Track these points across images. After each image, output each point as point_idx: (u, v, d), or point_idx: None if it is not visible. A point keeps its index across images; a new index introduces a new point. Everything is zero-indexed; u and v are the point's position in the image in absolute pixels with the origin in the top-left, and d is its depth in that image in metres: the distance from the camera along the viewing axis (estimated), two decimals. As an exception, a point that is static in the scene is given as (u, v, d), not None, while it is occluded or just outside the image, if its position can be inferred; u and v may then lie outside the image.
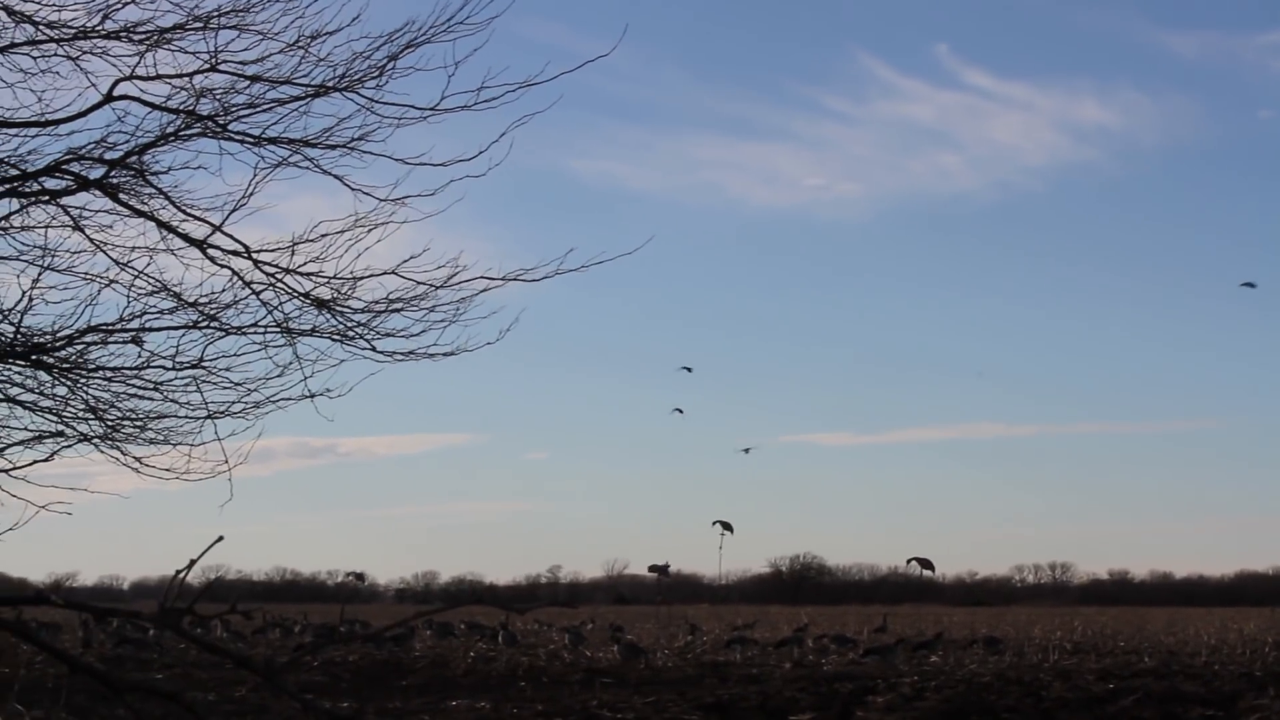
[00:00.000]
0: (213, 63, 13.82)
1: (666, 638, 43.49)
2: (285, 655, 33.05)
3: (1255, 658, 34.09)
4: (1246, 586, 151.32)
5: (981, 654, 35.20)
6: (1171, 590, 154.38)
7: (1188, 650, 37.41)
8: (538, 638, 43.18)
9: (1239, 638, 43.63)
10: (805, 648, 36.29)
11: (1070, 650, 37.60)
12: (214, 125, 14.13)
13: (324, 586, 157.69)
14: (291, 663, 19.23)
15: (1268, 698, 24.04)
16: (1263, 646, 38.46)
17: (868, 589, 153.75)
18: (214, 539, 12.74)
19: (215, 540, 12.75)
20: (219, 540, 12.77)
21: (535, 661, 32.89)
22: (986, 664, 31.98)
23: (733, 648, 35.75)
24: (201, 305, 15.30)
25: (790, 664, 32.14)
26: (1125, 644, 40.76)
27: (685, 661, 33.07)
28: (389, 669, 30.77)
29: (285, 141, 14.20)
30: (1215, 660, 33.13)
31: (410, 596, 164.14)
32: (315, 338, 15.25)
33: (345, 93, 13.99)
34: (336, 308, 14.91)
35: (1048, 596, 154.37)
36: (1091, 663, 32.52)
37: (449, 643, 39.74)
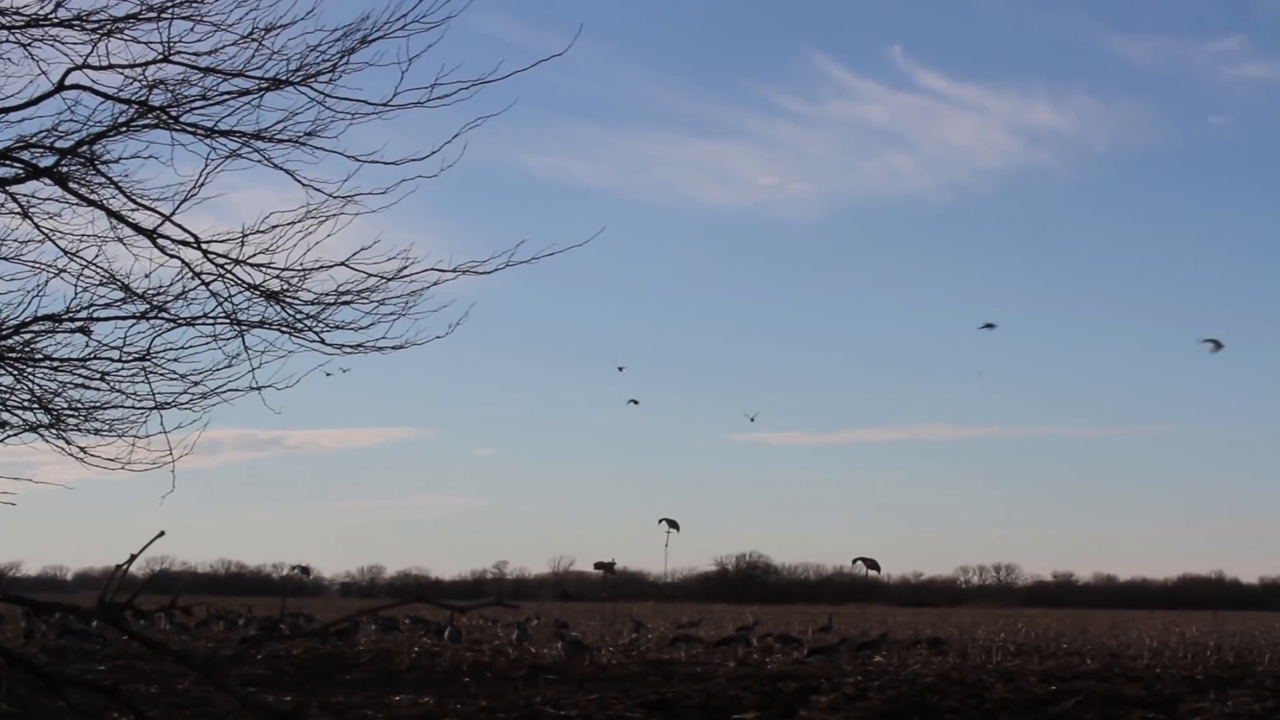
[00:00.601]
0: (166, 53, 13.77)
1: (611, 635, 43.47)
2: (229, 648, 32.95)
3: (1197, 661, 34.28)
4: (1189, 590, 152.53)
5: (925, 654, 35.28)
6: (1115, 593, 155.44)
7: (1130, 653, 37.59)
8: (482, 633, 43.15)
9: (1181, 641, 43.86)
10: (750, 646, 36.31)
11: (1013, 652, 37.74)
12: (166, 116, 14.08)
13: (269, 579, 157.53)
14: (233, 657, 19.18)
15: (1208, 701, 24.18)
16: (1204, 650, 38.67)
17: (813, 588, 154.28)
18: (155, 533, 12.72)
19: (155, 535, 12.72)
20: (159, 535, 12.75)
21: (480, 657, 32.84)
22: (930, 664, 32.07)
23: (677, 646, 35.75)
24: (150, 296, 15.25)
25: (734, 662, 32.17)
26: (1068, 646, 40.92)
27: (629, 659, 33.08)
28: (333, 663, 30.69)
29: (237, 134, 14.17)
30: (1157, 663, 33.30)
31: (355, 590, 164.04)
32: (264, 329, 15.23)
33: (298, 87, 13.96)
34: (286, 299, 14.87)
35: (992, 598, 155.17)
36: (1034, 664, 32.64)
37: (393, 637, 39.65)
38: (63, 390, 16.62)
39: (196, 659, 13.87)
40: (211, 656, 26.88)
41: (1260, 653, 37.74)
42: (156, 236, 14.67)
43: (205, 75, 13.94)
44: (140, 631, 14.45)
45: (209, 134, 14.18)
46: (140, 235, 14.75)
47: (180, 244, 14.64)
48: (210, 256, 14.65)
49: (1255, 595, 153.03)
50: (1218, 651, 38.15)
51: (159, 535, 12.67)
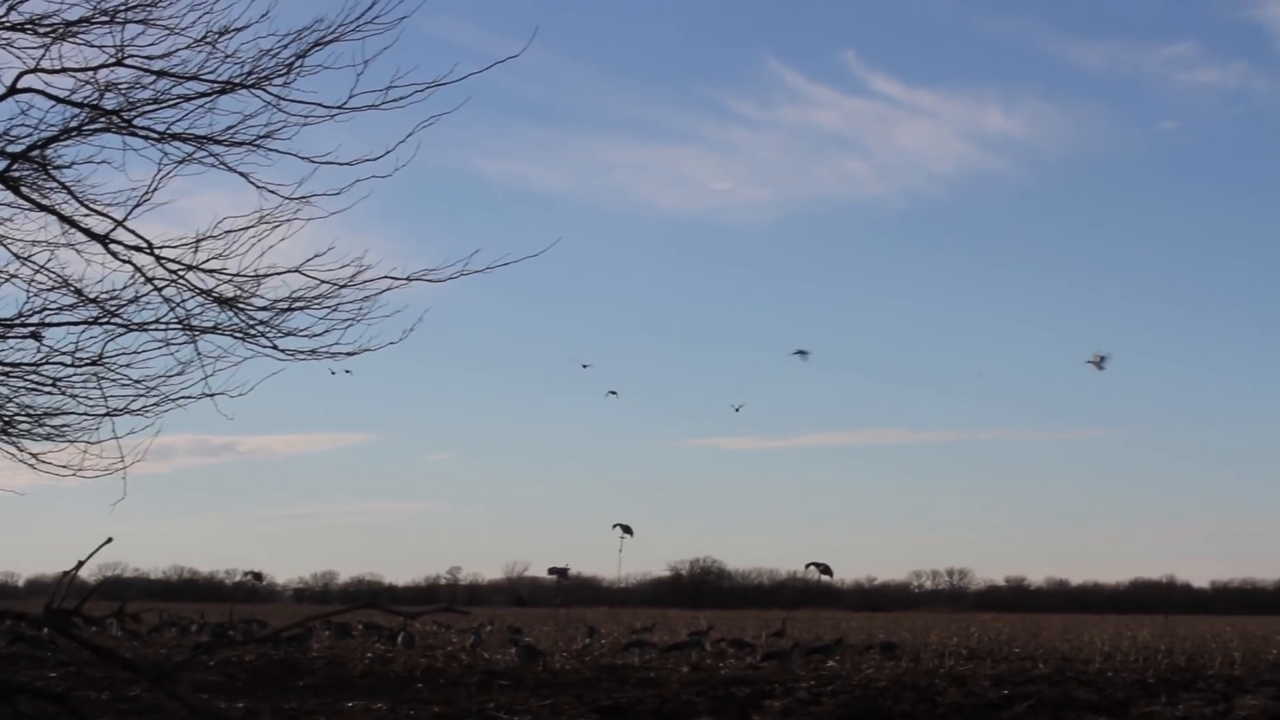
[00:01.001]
0: (119, 57, 13.74)
1: (565, 640, 43.42)
2: (181, 655, 32.82)
3: (1148, 665, 34.40)
4: (1140, 594, 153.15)
5: (878, 659, 35.32)
6: (1067, 597, 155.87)
7: (1082, 657, 37.69)
8: (436, 639, 43.05)
9: (1133, 645, 43.98)
10: (703, 651, 36.31)
11: (966, 656, 37.81)
12: (119, 120, 14.04)
13: (222, 586, 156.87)
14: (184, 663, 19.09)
15: (1160, 704, 24.28)
16: (1155, 653, 38.80)
17: (767, 593, 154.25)
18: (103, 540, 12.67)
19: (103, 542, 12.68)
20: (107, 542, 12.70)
21: (433, 663, 32.78)
22: (883, 669, 32.12)
23: (631, 651, 35.75)
24: (102, 301, 15.21)
25: (688, 667, 32.18)
26: (1020, 650, 41.02)
27: (583, 664, 33.06)
28: (285, 669, 30.59)
29: (190, 138, 14.13)
30: (1109, 667, 33.40)
31: (309, 597, 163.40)
32: (217, 335, 15.19)
33: (252, 90, 13.94)
34: (239, 305, 14.84)
35: (945, 602, 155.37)
36: (987, 669, 32.71)
37: (346, 643, 39.54)
38: (14, 396, 16.57)
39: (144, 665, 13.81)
40: (160, 663, 26.77)
41: (1211, 656, 37.91)
42: (109, 242, 14.62)
43: (158, 79, 13.91)
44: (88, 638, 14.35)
45: (162, 138, 14.14)
46: (93, 240, 14.70)
47: (133, 249, 14.60)
48: (163, 262, 14.61)
49: (1206, 599, 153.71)
50: (1169, 655, 38.29)
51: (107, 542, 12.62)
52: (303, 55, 13.81)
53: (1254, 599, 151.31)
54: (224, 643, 28.75)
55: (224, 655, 32.08)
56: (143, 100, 13.99)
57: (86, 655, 30.78)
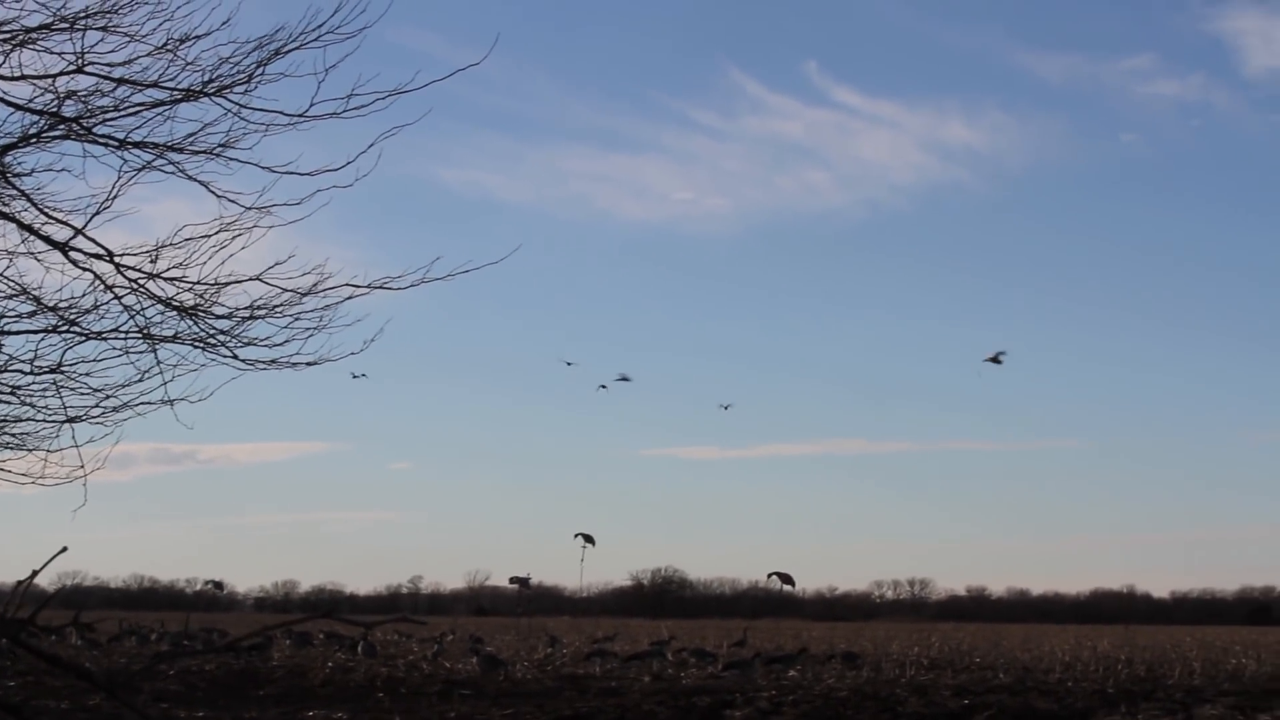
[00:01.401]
0: (79, 64, 13.68)
1: (526, 650, 43.37)
2: (140, 664, 32.70)
3: (1108, 675, 34.49)
4: (1101, 604, 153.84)
5: (839, 669, 35.34)
6: (1028, 607, 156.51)
7: (1042, 667, 37.78)
8: (397, 649, 42.96)
9: (1093, 655, 44.11)
10: (665, 661, 36.27)
11: (927, 666, 37.86)
12: (79, 128, 13.98)
13: (182, 595, 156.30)
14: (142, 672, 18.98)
15: (1119, 714, 24.38)
16: (1115, 663, 38.92)
17: (728, 603, 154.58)
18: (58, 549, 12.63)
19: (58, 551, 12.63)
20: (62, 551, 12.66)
21: (394, 672, 32.70)
22: (844, 679, 32.14)
23: (592, 660, 35.73)
24: (62, 309, 15.15)
25: (649, 677, 32.15)
26: (981, 660, 41.10)
27: (544, 674, 33.01)
28: (246, 679, 30.48)
29: (150, 145, 14.08)
30: (1069, 677, 33.48)
31: (270, 605, 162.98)
32: (177, 344, 15.13)
33: (213, 97, 13.89)
34: (199, 314, 14.79)
35: (906, 612, 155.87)
36: (948, 678, 32.77)
37: (307, 652, 39.41)
38: (-28, 404, 16.47)
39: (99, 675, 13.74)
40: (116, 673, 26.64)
41: (1171, 666, 38.04)
42: (68, 249, 14.57)
43: (118, 86, 13.86)
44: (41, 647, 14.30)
45: (122, 145, 14.09)
46: (52, 248, 14.64)
47: (92, 257, 14.54)
48: (123, 270, 14.55)
49: (1166, 609, 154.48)
50: (1129, 665, 38.41)
51: (61, 551, 12.59)
52: (264, 63, 13.78)
53: (1213, 609, 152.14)
54: (183, 652, 28.59)
55: (184, 665, 31.95)
56: (103, 107, 13.95)
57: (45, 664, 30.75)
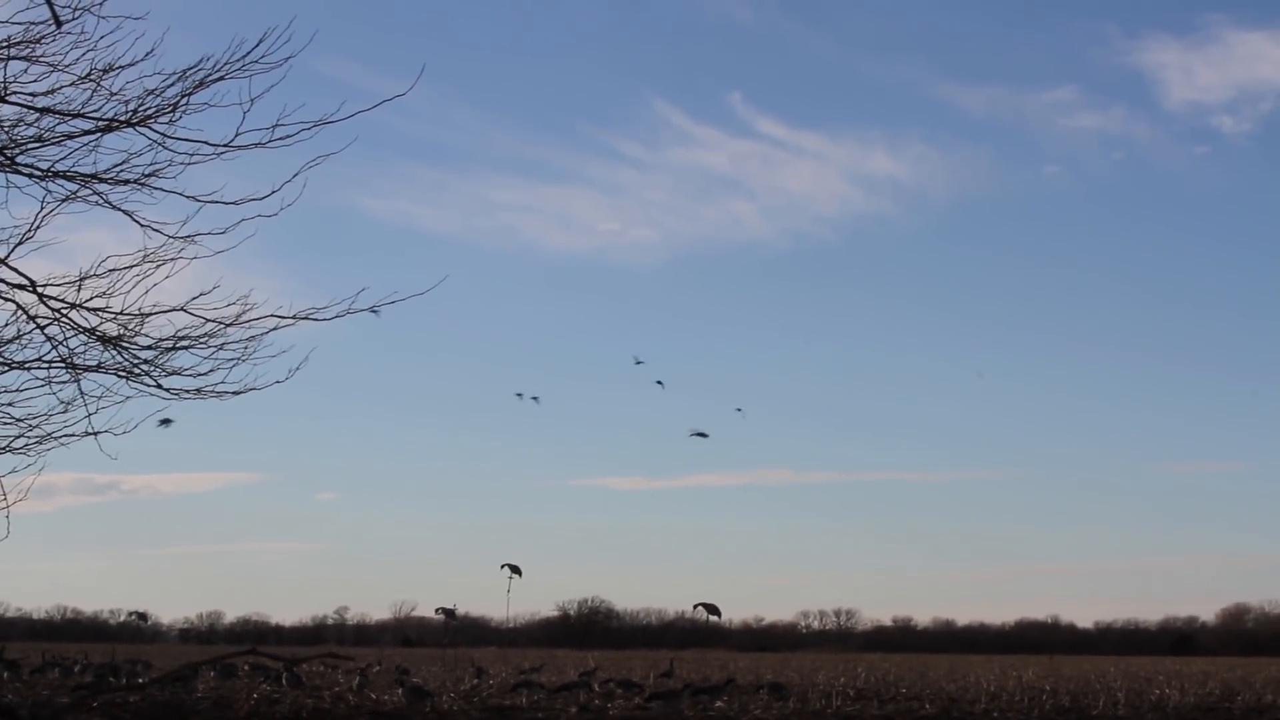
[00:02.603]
0: (1, 94, 13.62)
1: (453, 680, 43.22)
2: (64, 695, 32.41)
3: (1034, 705, 34.65)
4: (1026, 634, 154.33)
5: (766, 700, 35.36)
6: (953, 637, 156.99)
7: (968, 697, 37.93)
8: (323, 680, 42.73)
9: (1018, 685, 44.29)
10: (592, 692, 36.26)
11: (854, 696, 37.93)
12: (1, 157, 13.91)
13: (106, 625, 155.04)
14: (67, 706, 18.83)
15: (1043, 745, 24.50)
16: (1041, 694, 39.11)
17: (655, 633, 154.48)
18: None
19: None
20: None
21: (320, 704, 32.53)
22: (771, 710, 32.18)
23: (519, 691, 35.65)
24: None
25: (576, 708, 32.11)
26: (908, 690, 41.21)
27: (471, 704, 32.92)
28: (171, 710, 30.25)
29: (74, 176, 14.04)
30: (995, 707, 33.63)
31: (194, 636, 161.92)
32: (100, 374, 15.07)
33: (137, 128, 13.85)
34: (123, 344, 14.75)
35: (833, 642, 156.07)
36: (874, 709, 32.85)
37: (232, 684, 39.13)
38: (-108, 434, 16.34)
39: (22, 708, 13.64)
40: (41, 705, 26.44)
41: (1095, 696, 38.25)
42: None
43: (42, 116, 13.82)
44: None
45: (45, 175, 14.04)
46: (-27, 278, 14.55)
47: (15, 287, 14.48)
48: (46, 300, 14.50)
49: (1090, 639, 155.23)
50: (1054, 695, 38.60)
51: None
52: (188, 94, 13.77)
53: (1137, 639, 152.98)
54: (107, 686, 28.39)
55: (108, 698, 31.68)
56: (26, 138, 13.90)
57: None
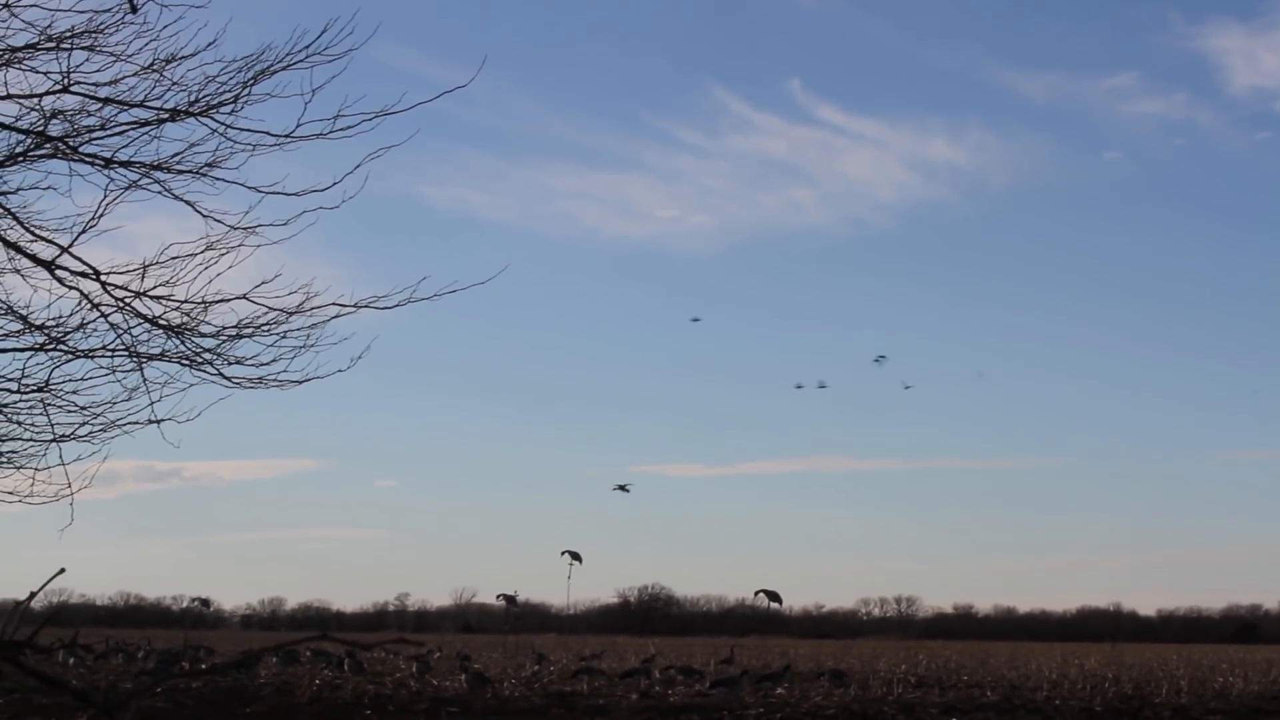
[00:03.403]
0: (65, 84, 13.68)
1: (513, 667, 43.32)
2: (128, 682, 32.64)
3: (1095, 693, 34.51)
4: (1088, 622, 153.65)
5: (827, 686, 35.32)
6: (1015, 625, 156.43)
7: (1029, 685, 37.79)
8: (384, 666, 42.88)
9: (1079, 673, 44.13)
10: (652, 678, 36.28)
11: (914, 683, 37.85)
12: (64, 146, 13.98)
13: (169, 612, 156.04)
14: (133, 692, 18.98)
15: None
16: (1102, 682, 38.94)
17: (715, 620, 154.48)
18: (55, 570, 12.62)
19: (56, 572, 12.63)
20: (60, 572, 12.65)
21: (381, 690, 32.65)
22: (831, 697, 32.14)
23: (580, 678, 35.70)
24: (49, 328, 15.14)
25: (637, 695, 32.13)
26: (969, 678, 41.10)
27: (532, 691, 32.98)
28: (233, 696, 30.43)
29: (136, 165, 14.08)
30: (1056, 695, 33.50)
31: (256, 623, 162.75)
32: (164, 362, 15.13)
33: (199, 117, 13.88)
34: (186, 333, 14.78)
35: (893, 630, 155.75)
36: (935, 696, 32.78)
37: (294, 670, 39.34)
38: (-42, 423, 16.45)
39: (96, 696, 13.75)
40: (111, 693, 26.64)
41: (1158, 684, 38.06)
42: (55, 268, 14.56)
43: (104, 106, 13.85)
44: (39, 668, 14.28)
45: (108, 164, 14.08)
46: (38, 266, 14.63)
47: (79, 275, 14.53)
48: (109, 288, 14.54)
49: (1152, 627, 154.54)
50: (1116, 683, 38.43)
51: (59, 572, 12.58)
52: (250, 83, 13.78)
53: (1200, 627, 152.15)
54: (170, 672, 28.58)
55: (172, 683, 31.88)
56: (89, 127, 13.95)
57: (33, 684, 30.71)
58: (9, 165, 14.20)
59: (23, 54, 13.60)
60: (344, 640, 13.96)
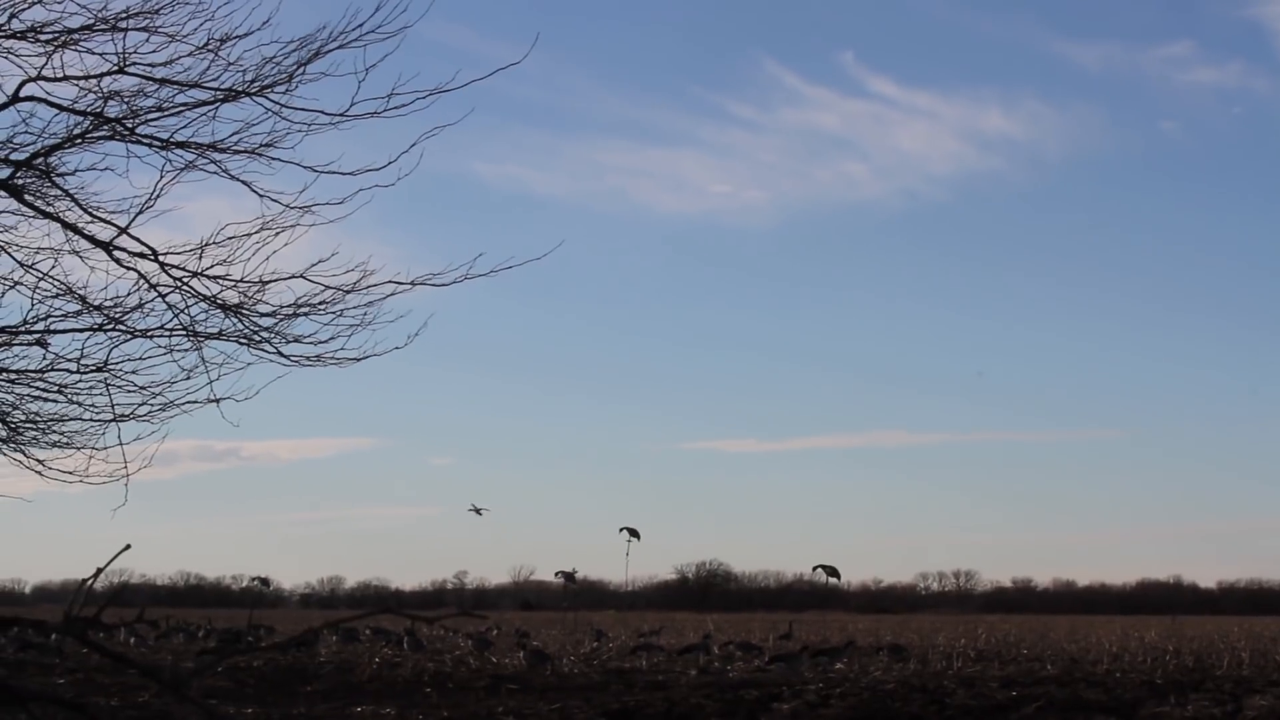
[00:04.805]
0: (121, 65, 13.73)
1: (572, 644, 43.39)
2: (189, 660, 32.83)
3: (1156, 665, 34.37)
4: (1148, 595, 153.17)
5: (886, 661, 35.27)
6: (1074, 599, 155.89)
7: (1090, 658, 37.66)
8: (444, 643, 42.99)
9: (1140, 645, 43.96)
10: (711, 654, 36.28)
11: (974, 657, 37.76)
12: (121, 128, 14.04)
13: (229, 591, 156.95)
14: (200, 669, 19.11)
15: (1168, 705, 24.25)
16: (1163, 654, 38.77)
17: (773, 596, 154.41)
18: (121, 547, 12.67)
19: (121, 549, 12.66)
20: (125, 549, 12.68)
21: (441, 667, 32.75)
22: (891, 671, 32.07)
23: (638, 654, 35.74)
24: (107, 308, 15.22)
25: (696, 671, 32.13)
26: (1028, 651, 40.96)
27: (591, 668, 33.02)
28: (293, 674, 30.57)
29: (193, 145, 14.13)
30: (1117, 668, 33.36)
31: (316, 601, 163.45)
32: (221, 341, 15.20)
33: (255, 97, 13.93)
34: (243, 312, 14.85)
35: (952, 604, 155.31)
36: (995, 670, 32.68)
37: (354, 648, 39.47)
38: (20, 403, 16.59)
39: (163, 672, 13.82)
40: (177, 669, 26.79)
41: (1219, 656, 37.87)
42: (113, 249, 14.63)
43: (160, 86, 13.91)
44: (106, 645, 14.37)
45: (165, 145, 14.14)
46: (96, 247, 14.72)
47: (136, 256, 14.61)
48: (167, 268, 14.62)
49: (1213, 599, 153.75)
50: (1176, 655, 38.25)
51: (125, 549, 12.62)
52: (305, 63, 13.82)
53: (1261, 599, 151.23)
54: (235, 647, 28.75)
55: (232, 661, 32.04)
56: (145, 108, 14.01)
57: (95, 661, 30.93)
58: (67, 147, 14.28)
59: (79, 35, 13.66)
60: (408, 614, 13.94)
